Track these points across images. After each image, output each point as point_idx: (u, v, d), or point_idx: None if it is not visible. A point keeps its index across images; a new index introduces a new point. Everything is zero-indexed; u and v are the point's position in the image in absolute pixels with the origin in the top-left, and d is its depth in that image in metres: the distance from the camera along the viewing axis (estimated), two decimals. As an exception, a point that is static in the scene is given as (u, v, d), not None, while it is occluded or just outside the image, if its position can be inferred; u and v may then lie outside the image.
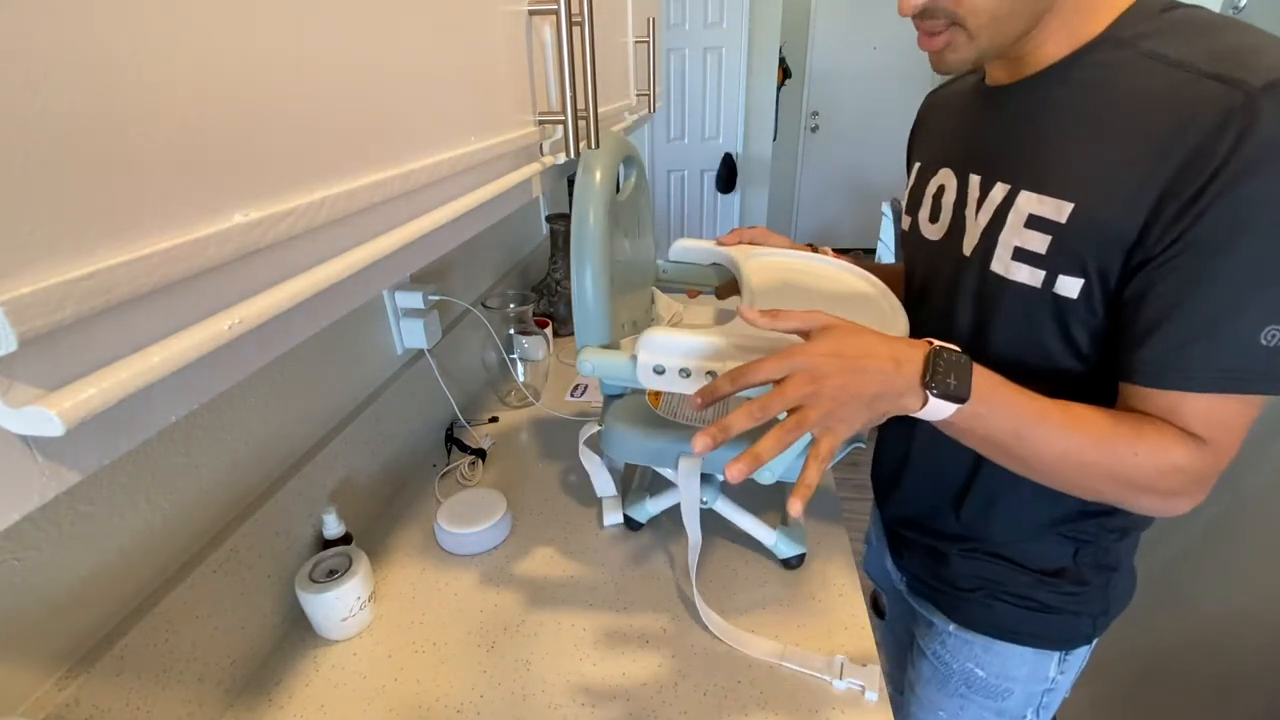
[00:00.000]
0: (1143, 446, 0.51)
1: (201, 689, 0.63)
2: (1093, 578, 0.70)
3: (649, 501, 0.88)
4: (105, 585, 0.55)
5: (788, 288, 0.72)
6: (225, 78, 0.24)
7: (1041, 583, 0.70)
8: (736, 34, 3.43)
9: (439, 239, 0.41)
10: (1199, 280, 0.48)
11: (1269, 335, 0.47)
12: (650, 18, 0.97)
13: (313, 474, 0.79)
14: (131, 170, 0.21)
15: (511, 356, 1.17)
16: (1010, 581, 0.71)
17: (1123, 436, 0.51)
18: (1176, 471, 0.51)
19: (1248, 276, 0.47)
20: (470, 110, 0.43)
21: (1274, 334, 0.47)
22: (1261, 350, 0.48)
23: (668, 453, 0.72)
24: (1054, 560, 0.69)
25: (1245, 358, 0.48)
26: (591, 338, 0.65)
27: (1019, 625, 0.73)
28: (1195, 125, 0.46)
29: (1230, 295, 0.48)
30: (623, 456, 0.75)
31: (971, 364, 0.50)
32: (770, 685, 0.68)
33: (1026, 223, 0.56)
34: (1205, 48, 0.49)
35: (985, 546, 0.72)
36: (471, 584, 0.82)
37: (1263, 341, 0.47)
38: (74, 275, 0.19)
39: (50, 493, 0.21)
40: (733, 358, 0.57)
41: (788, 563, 0.82)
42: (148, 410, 0.23)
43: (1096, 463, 0.52)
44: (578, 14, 0.51)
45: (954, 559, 0.75)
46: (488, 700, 0.67)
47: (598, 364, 0.63)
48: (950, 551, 0.75)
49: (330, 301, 0.32)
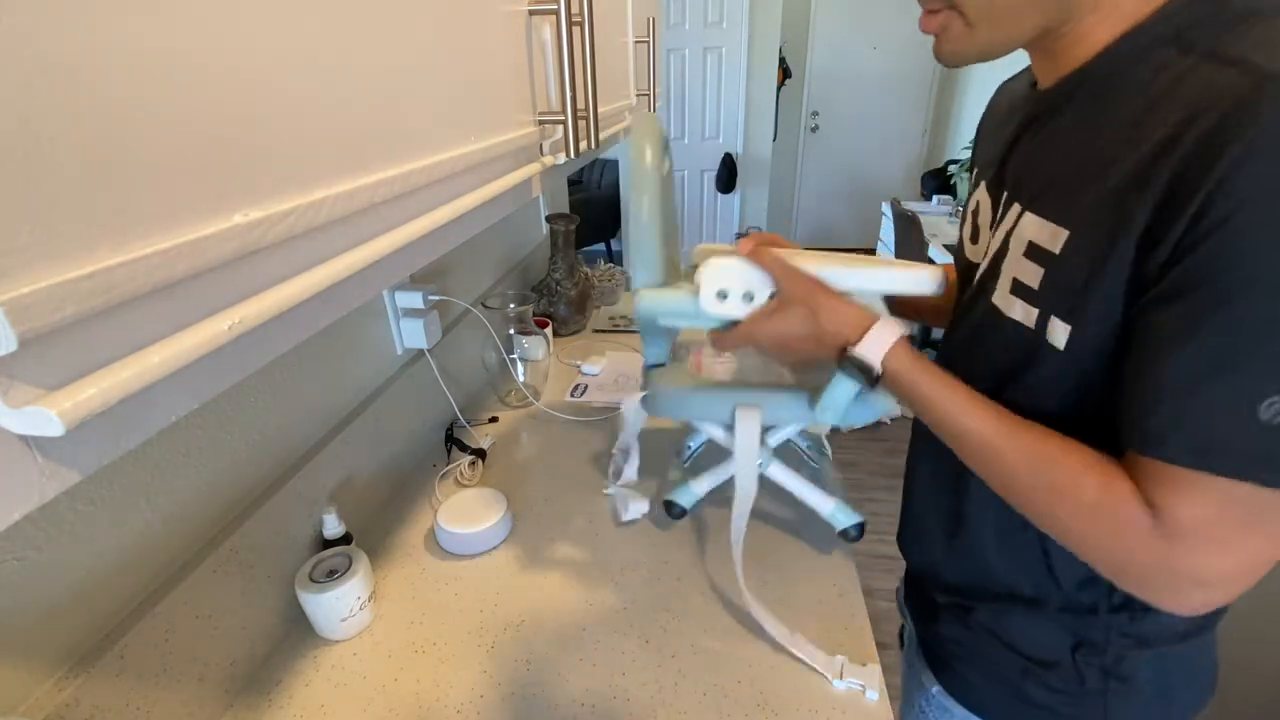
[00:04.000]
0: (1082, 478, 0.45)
1: (201, 689, 0.63)
2: (1094, 682, 0.58)
3: (693, 483, 0.86)
4: (105, 585, 0.55)
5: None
6: (225, 78, 0.24)
7: (1028, 673, 0.60)
8: (736, 34, 3.43)
9: (439, 239, 0.41)
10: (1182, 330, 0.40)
11: (1269, 409, 0.37)
12: (650, 18, 0.97)
13: (313, 474, 0.79)
14: (131, 170, 0.21)
15: (511, 356, 1.17)
16: (994, 659, 0.63)
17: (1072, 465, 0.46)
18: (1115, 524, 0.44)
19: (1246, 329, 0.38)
20: (470, 110, 0.43)
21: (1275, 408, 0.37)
22: (1255, 425, 0.37)
23: (724, 403, 0.72)
24: (1047, 649, 0.59)
25: (1229, 431, 0.38)
26: (645, 277, 0.67)
27: (999, 711, 0.64)
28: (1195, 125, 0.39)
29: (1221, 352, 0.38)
30: (675, 413, 0.76)
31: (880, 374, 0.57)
32: (770, 686, 0.68)
33: (1025, 251, 0.50)
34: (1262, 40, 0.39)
35: (973, 611, 0.64)
36: (471, 584, 0.82)
37: (1261, 416, 0.37)
38: (74, 275, 0.19)
39: (50, 493, 0.21)
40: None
41: (846, 533, 0.80)
42: (148, 410, 0.23)
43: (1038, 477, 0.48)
44: (578, 14, 0.51)
45: (943, 616, 0.68)
46: (488, 700, 0.67)
47: (655, 299, 0.64)
48: (940, 606, 0.68)
49: (330, 301, 0.32)
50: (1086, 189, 0.46)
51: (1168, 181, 0.39)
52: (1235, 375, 0.38)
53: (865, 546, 2.13)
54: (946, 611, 0.67)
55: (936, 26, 0.51)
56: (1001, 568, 0.60)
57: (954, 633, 0.67)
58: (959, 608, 0.66)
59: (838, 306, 0.59)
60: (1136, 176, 0.42)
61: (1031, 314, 0.50)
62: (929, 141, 4.47)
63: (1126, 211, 0.42)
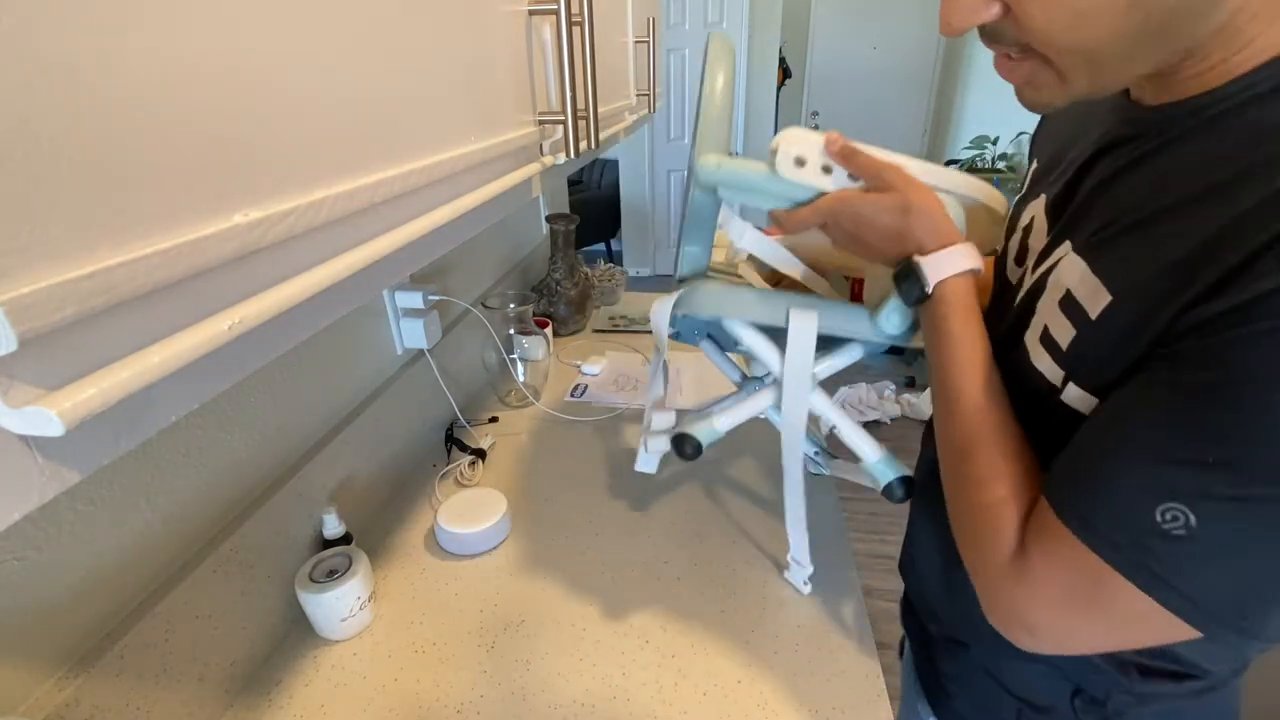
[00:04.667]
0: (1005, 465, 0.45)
1: (201, 689, 0.63)
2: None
3: (718, 418, 0.71)
4: (105, 585, 0.55)
5: None
6: (225, 78, 0.24)
7: (1022, 715, 0.58)
8: (736, 34, 3.43)
9: (439, 239, 0.41)
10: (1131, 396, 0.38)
11: (1169, 515, 0.35)
12: (650, 18, 0.97)
13: (313, 474, 0.79)
14: (131, 170, 0.21)
15: (511, 356, 1.17)
16: (989, 699, 0.60)
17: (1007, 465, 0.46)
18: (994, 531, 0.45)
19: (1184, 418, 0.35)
20: (470, 110, 0.43)
21: (1176, 517, 0.35)
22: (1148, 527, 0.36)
23: (778, 304, 0.64)
24: (1044, 695, 0.56)
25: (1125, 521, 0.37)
26: (713, 146, 0.61)
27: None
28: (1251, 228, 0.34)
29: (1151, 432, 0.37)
30: (720, 309, 0.65)
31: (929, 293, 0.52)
32: (771, 686, 0.68)
33: (1062, 299, 0.45)
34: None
35: (969, 649, 0.62)
36: (471, 584, 0.82)
37: (1159, 519, 0.36)
38: (74, 275, 0.19)
39: (50, 493, 0.21)
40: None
41: (890, 489, 0.68)
42: (148, 410, 0.23)
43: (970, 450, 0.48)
44: (578, 14, 0.51)
45: (939, 650, 0.66)
46: (488, 700, 0.67)
47: (725, 165, 0.60)
48: (937, 640, 0.66)
49: (330, 301, 0.32)
50: (1146, 248, 0.39)
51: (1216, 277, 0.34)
52: (1157, 469, 0.36)
53: (865, 546, 2.13)
54: (942, 646, 0.66)
55: (1021, 79, 0.43)
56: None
57: (950, 668, 0.65)
58: (955, 643, 0.63)
59: (934, 212, 0.53)
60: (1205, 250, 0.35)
61: (1058, 374, 0.45)
62: (929, 141, 4.47)
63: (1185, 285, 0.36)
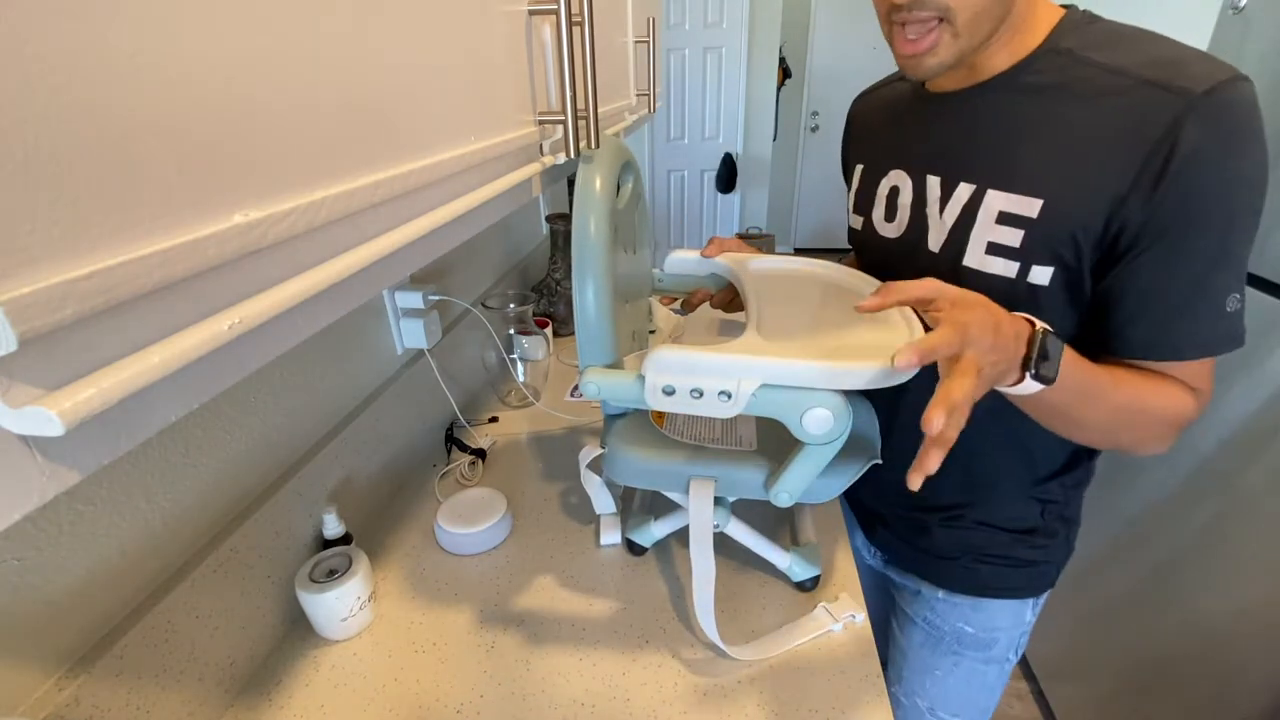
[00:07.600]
0: (1166, 400, 0.60)
1: (201, 689, 0.63)
2: (1058, 529, 0.80)
3: (654, 525, 0.84)
4: (105, 585, 0.55)
5: (790, 293, 0.71)
6: (225, 77, 0.24)
7: (1017, 541, 0.79)
8: (736, 34, 3.43)
9: (439, 239, 0.41)
10: (1170, 267, 0.56)
11: (1232, 301, 0.57)
12: (650, 18, 0.97)
13: (313, 474, 0.79)
14: (131, 170, 0.21)
15: (511, 356, 1.17)
16: (991, 544, 0.80)
17: (1153, 391, 0.60)
18: (1184, 418, 0.61)
19: (1209, 259, 0.56)
20: (470, 110, 0.43)
21: (1235, 300, 0.57)
22: (1227, 317, 0.57)
23: (678, 475, 0.69)
24: (1026, 520, 0.78)
25: (1216, 327, 0.58)
26: (596, 357, 0.62)
27: (1001, 582, 0.82)
28: (1147, 127, 0.54)
29: (1199, 277, 0.56)
30: (630, 480, 0.71)
31: (1063, 346, 0.55)
32: (771, 685, 0.68)
33: (998, 219, 0.62)
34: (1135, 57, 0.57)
35: (966, 515, 0.79)
36: (471, 584, 0.82)
37: (1228, 308, 0.57)
38: (74, 275, 0.19)
39: (50, 493, 0.21)
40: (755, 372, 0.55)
41: (802, 585, 0.80)
42: (148, 410, 0.23)
43: (1137, 414, 0.60)
44: (578, 14, 0.51)
45: (936, 529, 0.82)
46: (488, 700, 0.67)
47: (603, 385, 0.60)
48: (932, 522, 0.82)
49: (330, 301, 0.32)
50: (1054, 167, 0.59)
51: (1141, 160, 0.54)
52: (1208, 290, 0.56)
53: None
54: (939, 525, 0.81)
55: (927, 45, 0.58)
56: (984, 469, 0.75)
57: (951, 538, 0.81)
58: (951, 518, 0.80)
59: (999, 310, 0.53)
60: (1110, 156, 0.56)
61: (1012, 266, 0.62)
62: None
63: (1102, 181, 0.56)
